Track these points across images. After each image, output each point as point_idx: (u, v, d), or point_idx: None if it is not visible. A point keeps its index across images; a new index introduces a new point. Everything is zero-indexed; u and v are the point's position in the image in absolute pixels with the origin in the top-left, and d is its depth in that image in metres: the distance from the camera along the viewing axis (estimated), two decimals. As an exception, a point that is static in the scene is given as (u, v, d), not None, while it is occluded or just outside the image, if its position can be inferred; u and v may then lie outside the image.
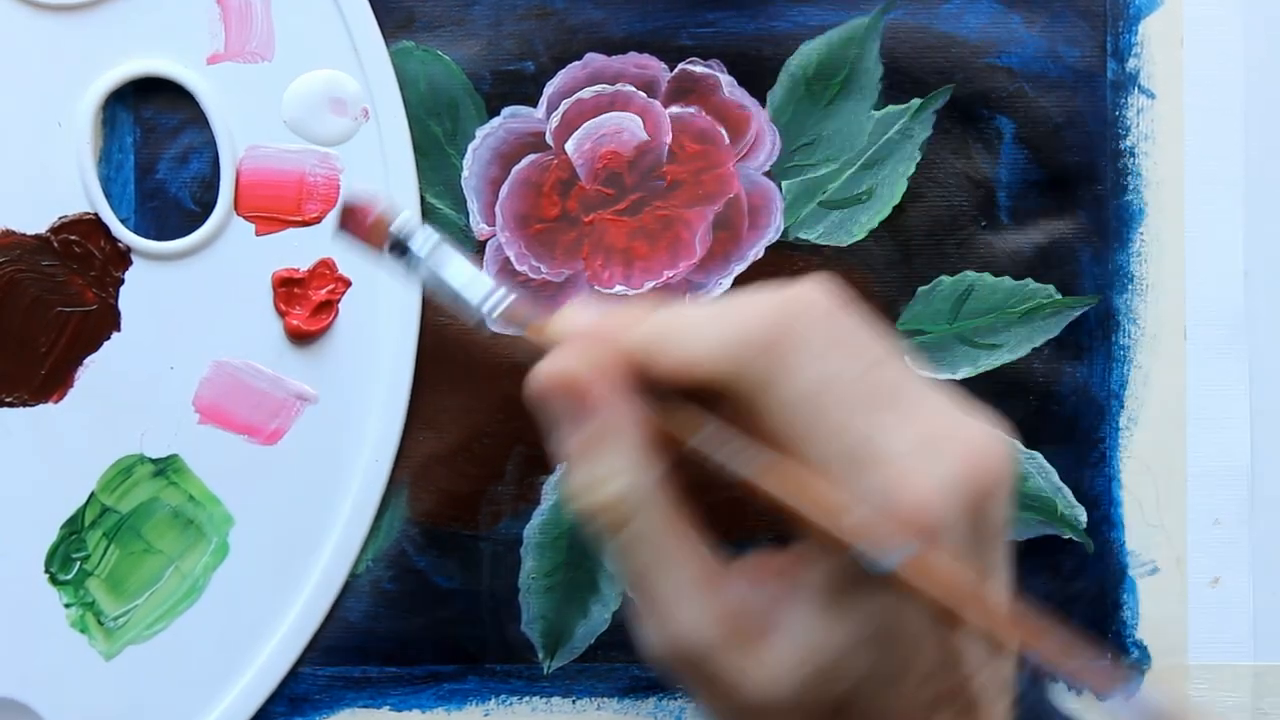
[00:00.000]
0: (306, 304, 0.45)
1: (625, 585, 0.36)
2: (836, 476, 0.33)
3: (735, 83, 0.45)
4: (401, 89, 0.45)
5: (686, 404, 0.34)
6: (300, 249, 0.45)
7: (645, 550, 0.34)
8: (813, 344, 0.34)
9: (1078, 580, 0.45)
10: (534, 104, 0.45)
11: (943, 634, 0.34)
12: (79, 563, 0.44)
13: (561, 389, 0.34)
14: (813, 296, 0.35)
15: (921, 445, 0.33)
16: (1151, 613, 0.45)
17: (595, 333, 0.35)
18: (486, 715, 0.45)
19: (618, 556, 0.35)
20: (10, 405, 0.44)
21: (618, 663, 0.45)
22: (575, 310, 0.36)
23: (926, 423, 0.34)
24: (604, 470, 0.34)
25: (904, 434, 0.33)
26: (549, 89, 0.45)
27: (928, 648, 0.34)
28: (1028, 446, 0.45)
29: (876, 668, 0.34)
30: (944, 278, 0.45)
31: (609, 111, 0.45)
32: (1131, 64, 0.45)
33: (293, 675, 0.45)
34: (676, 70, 0.45)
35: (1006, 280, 0.45)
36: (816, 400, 0.33)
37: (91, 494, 0.44)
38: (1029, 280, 0.45)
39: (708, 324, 0.34)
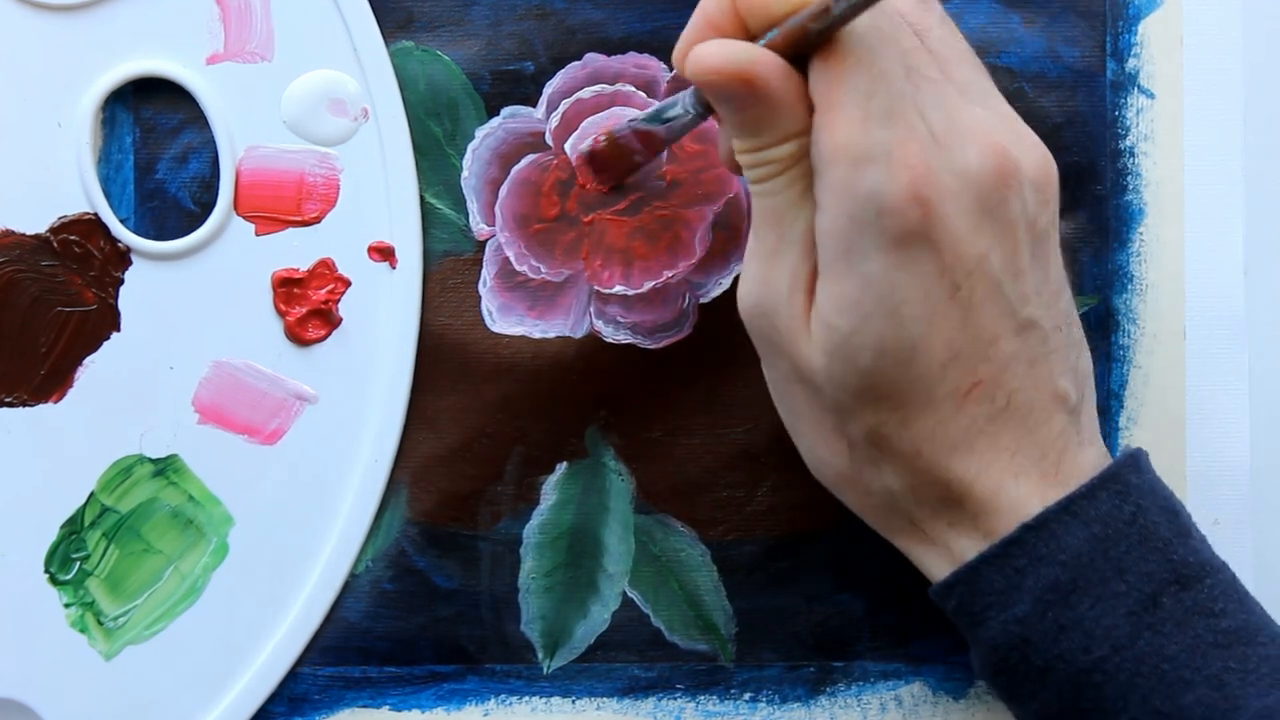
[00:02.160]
0: (306, 303, 0.45)
1: (753, 225, 0.39)
2: (861, 114, 0.36)
3: (735, 83, 0.45)
4: (401, 89, 0.45)
5: None
6: (300, 249, 0.45)
7: (784, 195, 0.37)
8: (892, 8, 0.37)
9: (1077, 580, 0.45)
10: (533, 104, 0.45)
11: (959, 315, 0.36)
12: (78, 563, 0.45)
13: (721, 87, 0.37)
14: None
15: (949, 129, 0.36)
16: (1151, 613, 0.45)
17: (705, 18, 0.38)
18: (486, 715, 0.45)
19: (758, 197, 0.38)
20: (10, 405, 0.44)
21: (617, 663, 0.45)
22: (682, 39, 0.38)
23: (965, 114, 0.37)
24: (769, 136, 0.37)
25: (937, 112, 0.36)
26: (548, 89, 0.45)
27: (942, 326, 0.36)
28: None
29: (890, 339, 0.36)
30: (944, 278, 0.45)
31: (609, 109, 0.45)
32: (1131, 64, 0.45)
33: (292, 675, 0.45)
34: (676, 70, 0.45)
35: (1006, 280, 0.45)
36: (875, 40, 0.36)
37: (91, 494, 0.45)
38: (1029, 280, 0.45)
39: None
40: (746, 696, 0.45)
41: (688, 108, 0.40)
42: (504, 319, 0.45)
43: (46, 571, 0.45)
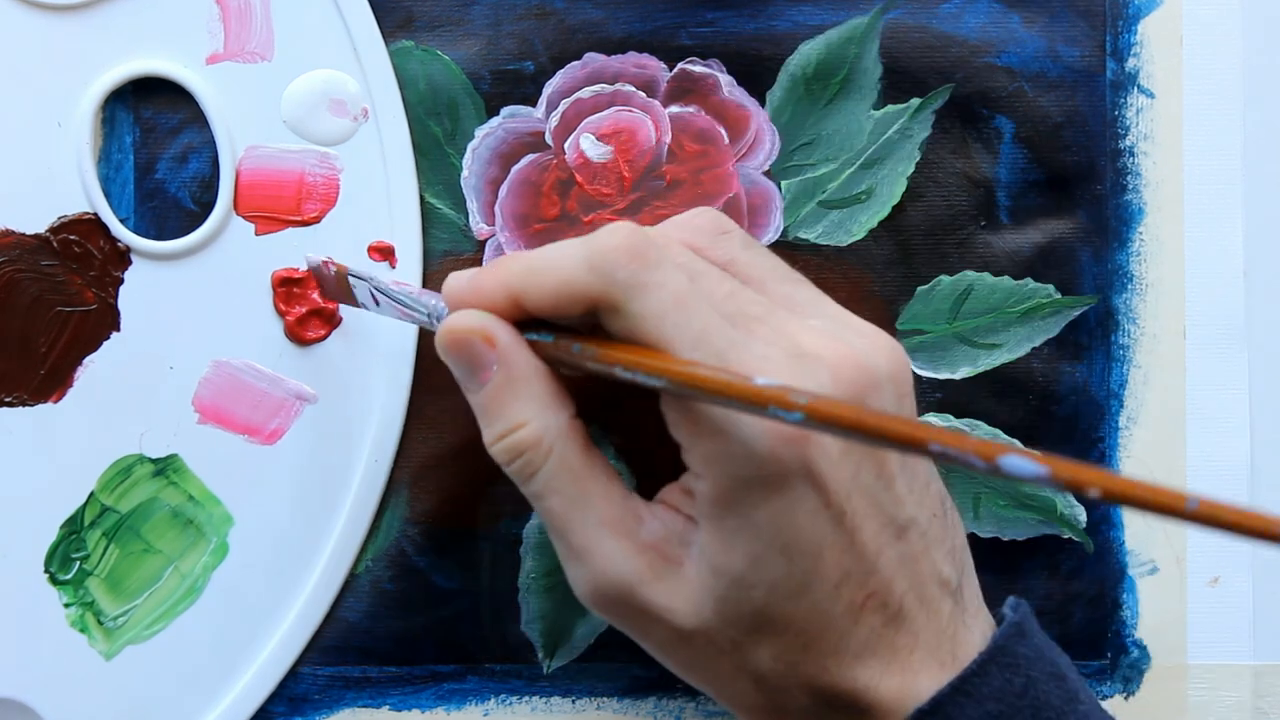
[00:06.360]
0: (306, 304, 0.45)
1: (548, 530, 0.38)
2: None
3: (734, 82, 0.45)
4: (401, 89, 0.45)
5: (569, 335, 0.37)
6: (300, 249, 0.45)
7: (561, 493, 0.37)
8: (675, 256, 0.36)
9: (1077, 580, 0.45)
10: (533, 104, 0.45)
11: (846, 538, 0.36)
12: (78, 562, 0.44)
13: (461, 346, 0.36)
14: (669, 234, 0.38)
15: (797, 359, 0.35)
16: (1151, 612, 0.45)
17: (474, 285, 0.37)
18: (486, 715, 0.45)
19: (536, 501, 0.37)
20: (9, 405, 0.44)
21: (618, 662, 0.45)
22: (454, 276, 0.38)
23: (805, 337, 0.36)
24: (514, 417, 0.37)
25: (776, 347, 0.35)
26: (548, 89, 0.45)
27: (831, 553, 0.36)
28: (1027, 446, 0.45)
29: (783, 575, 0.35)
30: (943, 277, 0.45)
31: (609, 108, 0.45)
32: (1131, 64, 0.45)
33: (292, 675, 0.45)
34: (676, 70, 0.45)
35: (1006, 280, 0.45)
36: (681, 310, 0.35)
37: (91, 494, 0.45)
38: (1028, 280, 0.45)
39: (573, 250, 0.36)
40: (746, 696, 0.45)
41: (433, 319, 0.40)
42: (504, 319, 0.45)
43: (46, 571, 0.45)
